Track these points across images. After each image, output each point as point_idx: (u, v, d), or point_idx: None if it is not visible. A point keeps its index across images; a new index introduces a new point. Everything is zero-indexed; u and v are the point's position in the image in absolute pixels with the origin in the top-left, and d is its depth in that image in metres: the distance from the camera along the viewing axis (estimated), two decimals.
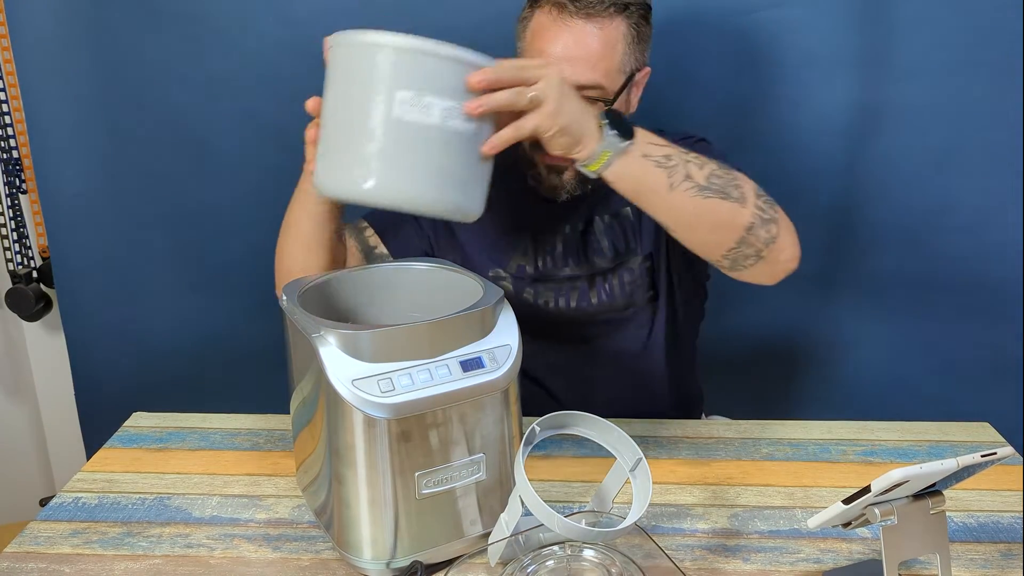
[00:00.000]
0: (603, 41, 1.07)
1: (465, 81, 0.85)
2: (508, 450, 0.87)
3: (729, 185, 0.96)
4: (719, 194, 0.95)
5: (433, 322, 0.82)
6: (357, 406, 0.79)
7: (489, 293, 0.89)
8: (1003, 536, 0.92)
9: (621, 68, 1.10)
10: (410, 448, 0.81)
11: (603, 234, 1.20)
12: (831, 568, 0.86)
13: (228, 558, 0.89)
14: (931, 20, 1.41)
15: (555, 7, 1.08)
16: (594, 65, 1.07)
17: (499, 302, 0.88)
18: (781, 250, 1.00)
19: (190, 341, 1.71)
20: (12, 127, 1.78)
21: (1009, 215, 1.49)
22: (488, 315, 0.86)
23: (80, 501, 1.00)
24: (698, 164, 0.95)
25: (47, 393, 1.99)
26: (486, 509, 0.87)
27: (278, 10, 1.50)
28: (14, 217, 1.82)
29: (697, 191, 0.94)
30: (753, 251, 0.98)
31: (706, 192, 0.94)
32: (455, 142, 0.86)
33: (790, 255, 1.02)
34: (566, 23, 1.07)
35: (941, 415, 1.19)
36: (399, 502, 0.82)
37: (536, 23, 1.10)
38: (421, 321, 0.81)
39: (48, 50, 1.53)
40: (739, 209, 0.96)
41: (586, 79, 1.07)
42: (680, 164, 0.94)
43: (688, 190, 0.93)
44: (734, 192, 0.96)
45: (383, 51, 0.84)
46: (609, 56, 1.08)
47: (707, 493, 1.00)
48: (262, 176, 1.59)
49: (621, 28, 1.08)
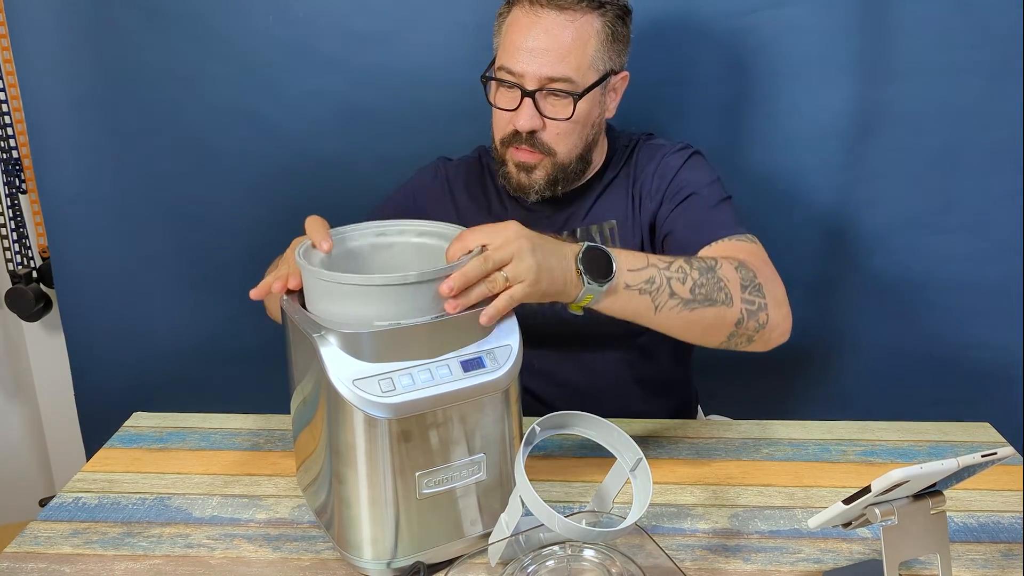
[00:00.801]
0: (574, 34, 1.08)
1: (437, 293, 0.82)
2: (508, 450, 0.87)
3: (714, 290, 0.98)
4: (705, 303, 0.97)
5: (434, 322, 0.82)
6: (358, 406, 0.79)
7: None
8: (1003, 536, 0.92)
9: (593, 65, 1.11)
10: (411, 448, 0.81)
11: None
12: (831, 568, 0.86)
13: (228, 558, 0.89)
14: (931, 20, 1.41)
15: (529, 2, 1.09)
16: (563, 57, 1.08)
17: None
18: (772, 330, 1.03)
19: (190, 341, 1.71)
20: (12, 127, 1.78)
21: (1009, 215, 1.49)
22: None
23: (80, 501, 1.00)
24: (680, 278, 0.96)
25: (47, 393, 1.99)
26: (486, 509, 0.87)
27: (278, 10, 1.50)
28: (14, 217, 1.82)
29: (683, 306, 0.96)
30: (744, 338, 1.02)
31: (692, 304, 0.96)
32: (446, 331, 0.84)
33: (781, 331, 1.04)
34: (538, 15, 1.08)
35: (941, 415, 1.19)
36: (400, 502, 0.82)
37: (512, 17, 1.12)
38: (422, 321, 0.81)
39: (48, 50, 1.53)
40: (727, 310, 0.98)
41: (555, 72, 1.08)
42: (662, 284, 0.95)
43: (674, 307, 0.96)
44: (720, 296, 0.98)
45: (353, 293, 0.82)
46: (580, 50, 1.09)
47: (707, 493, 1.00)
48: (262, 176, 1.59)
49: (595, 24, 1.09)
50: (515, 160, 1.14)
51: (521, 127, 1.11)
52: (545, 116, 1.11)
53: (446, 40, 1.50)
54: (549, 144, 1.13)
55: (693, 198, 1.16)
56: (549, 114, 1.11)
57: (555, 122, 1.11)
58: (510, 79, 1.11)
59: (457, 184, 1.28)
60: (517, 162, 1.14)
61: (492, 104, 1.15)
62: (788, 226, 1.54)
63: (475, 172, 1.29)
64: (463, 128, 1.48)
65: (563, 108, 1.11)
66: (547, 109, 1.11)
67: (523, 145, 1.13)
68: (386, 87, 1.53)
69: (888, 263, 1.55)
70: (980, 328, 1.55)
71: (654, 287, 0.94)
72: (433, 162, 1.32)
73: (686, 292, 0.96)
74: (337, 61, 1.51)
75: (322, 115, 1.55)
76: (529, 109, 1.10)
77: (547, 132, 1.12)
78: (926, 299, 1.56)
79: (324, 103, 1.54)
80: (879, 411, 1.46)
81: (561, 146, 1.13)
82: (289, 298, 0.88)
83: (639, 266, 0.94)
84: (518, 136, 1.12)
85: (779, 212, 1.53)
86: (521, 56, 1.09)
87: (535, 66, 1.09)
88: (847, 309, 1.59)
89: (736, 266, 1.01)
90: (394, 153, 1.54)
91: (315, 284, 0.84)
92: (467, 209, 1.26)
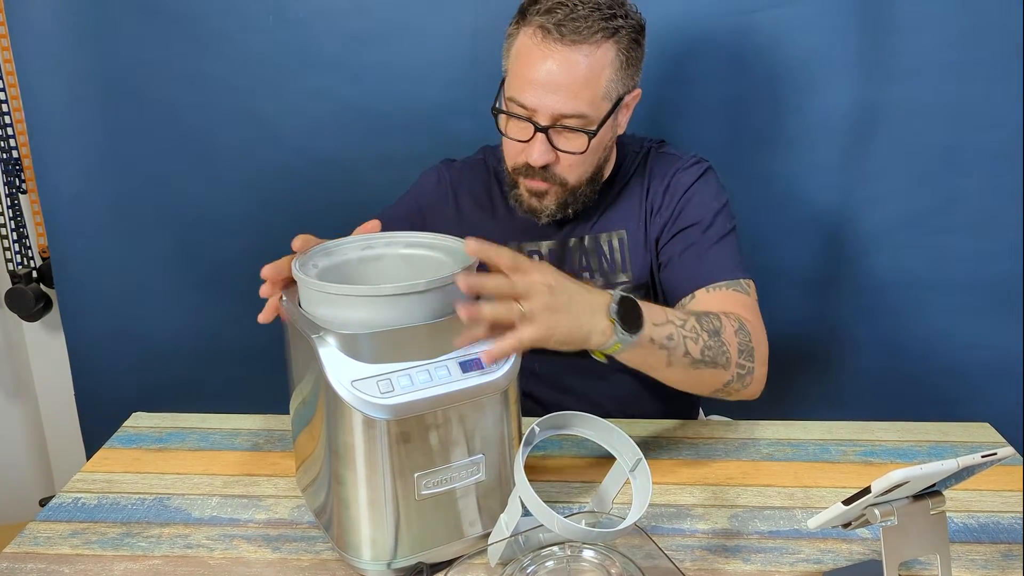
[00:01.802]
0: (589, 69, 1.04)
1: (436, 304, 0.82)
2: (507, 451, 0.87)
3: (718, 354, 1.00)
4: (709, 364, 0.99)
5: (433, 323, 0.82)
6: (356, 407, 0.79)
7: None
8: (1003, 537, 0.92)
9: (607, 95, 1.07)
10: (409, 449, 0.81)
11: (590, 253, 1.21)
12: (831, 568, 0.86)
13: (228, 558, 0.89)
14: (931, 20, 1.41)
15: (540, 30, 1.04)
16: (577, 94, 1.04)
17: None
18: (750, 389, 1.06)
19: (190, 341, 1.71)
20: (12, 127, 1.78)
21: (1009, 215, 1.49)
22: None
23: (80, 501, 1.00)
24: (693, 338, 0.98)
25: (47, 393, 1.99)
26: (485, 510, 0.87)
27: (278, 10, 1.50)
28: (14, 217, 1.82)
29: (691, 363, 0.98)
30: (724, 393, 1.05)
31: (698, 364, 0.98)
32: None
33: (754, 390, 1.08)
34: (551, 48, 1.04)
35: (941, 415, 1.19)
36: (398, 503, 0.82)
37: (520, 44, 1.07)
38: (421, 323, 0.81)
39: (48, 50, 1.53)
40: (723, 372, 1.01)
41: (568, 109, 1.05)
42: (679, 342, 0.96)
43: (683, 364, 0.98)
44: (721, 359, 1.00)
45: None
46: (594, 84, 1.05)
47: (707, 493, 1.00)
48: (262, 176, 1.59)
49: (609, 55, 1.05)
50: (527, 187, 1.13)
51: (534, 162, 1.09)
52: (558, 149, 1.09)
53: (446, 40, 1.50)
54: (562, 176, 1.11)
55: (696, 229, 1.15)
56: (562, 147, 1.08)
57: (568, 155, 1.09)
58: (521, 112, 1.08)
59: (461, 188, 1.27)
60: (529, 188, 1.13)
61: (503, 134, 1.13)
62: (788, 226, 1.54)
63: (480, 175, 1.27)
64: (463, 128, 1.48)
65: (577, 142, 1.08)
66: (560, 143, 1.08)
67: (535, 177, 1.11)
68: (386, 87, 1.53)
69: (888, 263, 1.55)
70: (980, 328, 1.55)
71: (672, 344, 0.96)
72: (436, 165, 1.31)
73: (696, 352, 0.98)
74: (337, 61, 1.51)
75: (322, 115, 1.55)
76: (542, 144, 1.07)
77: (560, 165, 1.10)
78: (926, 299, 1.56)
79: (324, 103, 1.54)
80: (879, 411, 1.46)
81: (573, 176, 1.12)
82: (288, 299, 0.88)
83: (661, 321, 0.95)
84: (530, 169, 1.10)
85: (779, 212, 1.53)
86: (532, 90, 1.05)
87: (548, 101, 1.05)
88: (847, 309, 1.59)
89: (736, 329, 1.03)
90: (394, 153, 1.54)
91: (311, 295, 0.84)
92: (471, 213, 1.25)
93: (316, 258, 0.90)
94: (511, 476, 0.86)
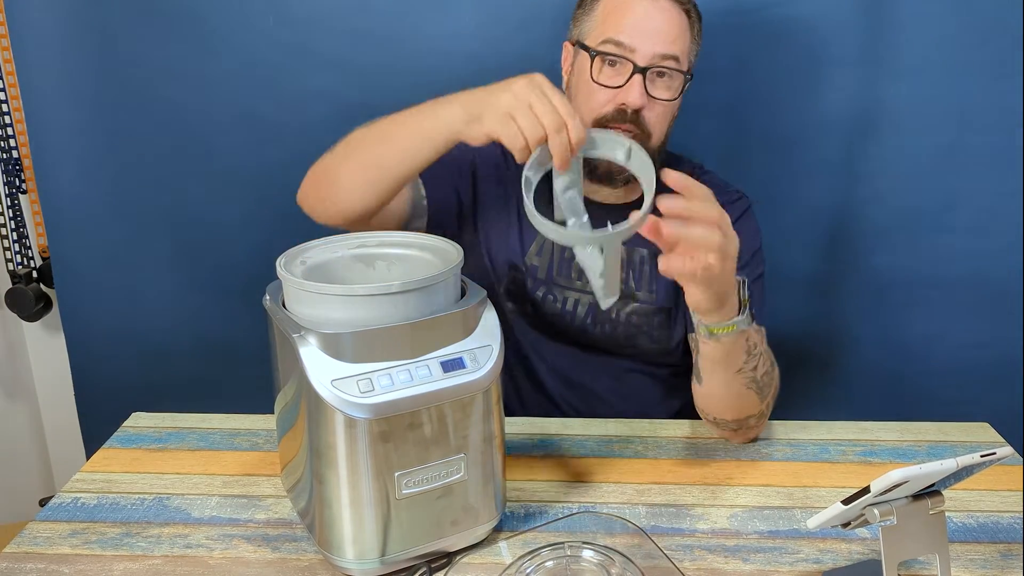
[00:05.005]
0: (680, 22, 1.10)
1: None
2: (490, 450, 0.87)
3: (766, 386, 1.02)
4: (758, 391, 1.01)
5: (414, 323, 0.81)
6: (337, 406, 0.78)
7: (472, 293, 0.88)
8: (1003, 536, 0.92)
9: (687, 56, 1.12)
10: (390, 448, 0.81)
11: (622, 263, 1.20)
12: (831, 568, 0.86)
13: (227, 558, 0.89)
14: (932, 20, 1.41)
15: None
16: (675, 38, 1.09)
17: (482, 302, 0.87)
18: (753, 429, 1.09)
19: (190, 341, 1.71)
20: (12, 127, 1.78)
21: (1010, 214, 1.49)
22: (470, 315, 0.85)
23: (79, 501, 1.00)
24: (763, 360, 1.00)
25: (47, 393, 1.99)
26: (467, 509, 0.87)
27: (278, 10, 1.50)
28: (14, 217, 1.82)
29: (750, 381, 1.00)
30: (734, 426, 1.07)
31: (751, 385, 1.00)
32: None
33: (754, 435, 1.11)
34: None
35: (941, 415, 1.19)
36: (380, 502, 0.82)
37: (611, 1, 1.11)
38: (402, 322, 0.81)
39: (48, 50, 1.53)
40: (759, 404, 1.03)
41: (668, 49, 1.08)
42: (756, 356, 0.98)
43: (746, 378, 0.99)
44: (767, 391, 1.03)
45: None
46: (685, 36, 1.10)
47: (707, 493, 1.00)
48: (262, 176, 1.59)
49: (689, 25, 1.11)
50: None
51: (632, 102, 1.08)
52: (651, 96, 1.09)
53: (446, 40, 1.50)
54: (649, 125, 1.11)
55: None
56: (654, 93, 1.09)
57: (658, 102, 1.10)
58: (619, 53, 1.08)
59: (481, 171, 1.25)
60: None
61: (594, 81, 1.11)
62: (788, 225, 1.54)
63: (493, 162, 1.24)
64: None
65: (668, 88, 1.10)
66: (653, 90, 1.09)
67: (626, 123, 1.10)
68: (386, 87, 1.52)
69: (888, 262, 1.55)
70: (980, 328, 1.55)
71: (754, 352, 0.97)
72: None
73: (759, 373, 1.00)
74: (337, 61, 1.51)
75: (322, 115, 1.55)
76: (639, 86, 1.08)
77: (650, 111, 1.10)
78: (927, 298, 1.56)
79: (324, 103, 1.54)
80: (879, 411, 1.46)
81: (658, 129, 1.12)
82: (272, 300, 0.88)
83: (757, 327, 0.97)
84: (621, 114, 1.09)
85: (779, 211, 1.53)
86: (633, 31, 1.07)
87: (648, 43, 1.07)
88: (847, 308, 1.59)
89: (776, 372, 1.06)
90: None
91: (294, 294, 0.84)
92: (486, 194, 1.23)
93: (305, 255, 0.90)
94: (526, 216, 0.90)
